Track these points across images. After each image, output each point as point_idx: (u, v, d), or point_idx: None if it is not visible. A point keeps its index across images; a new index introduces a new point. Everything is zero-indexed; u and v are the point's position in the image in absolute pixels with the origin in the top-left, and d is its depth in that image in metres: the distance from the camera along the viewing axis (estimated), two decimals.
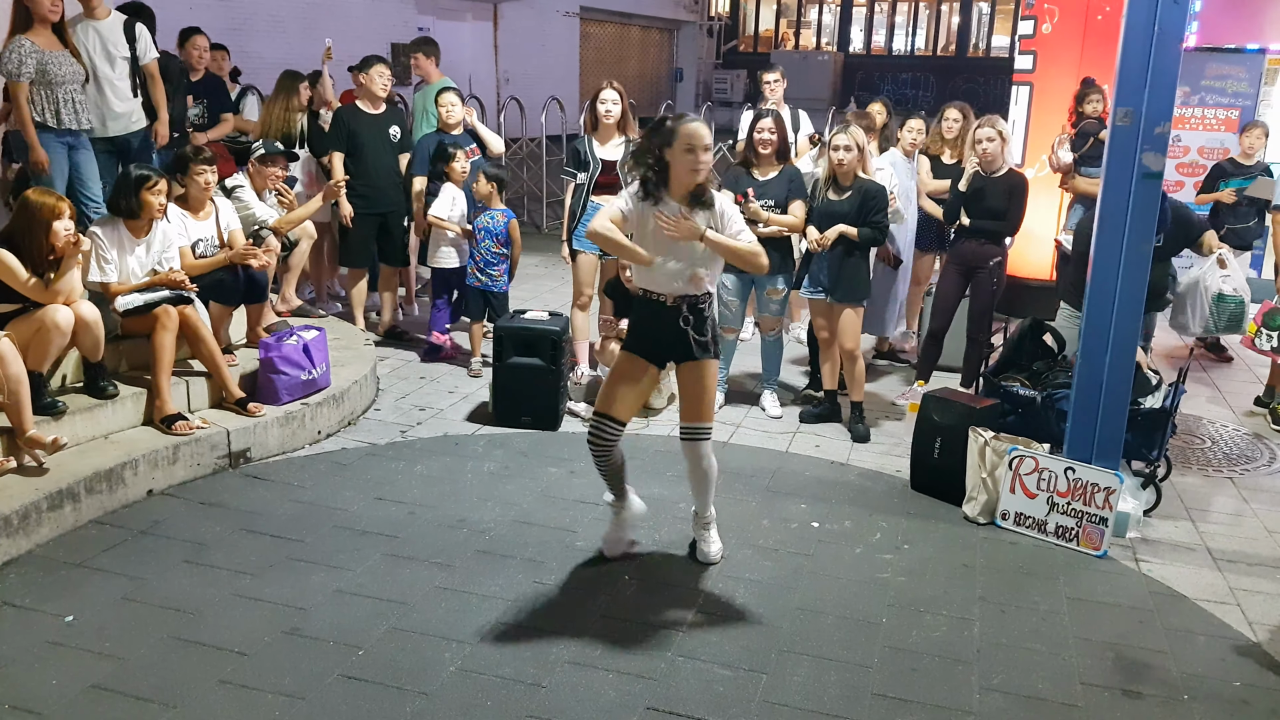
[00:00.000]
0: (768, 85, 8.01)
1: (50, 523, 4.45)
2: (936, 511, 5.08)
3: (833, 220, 5.83)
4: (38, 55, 5.90)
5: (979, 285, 6.38)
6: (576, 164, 6.54)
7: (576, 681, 3.59)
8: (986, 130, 6.21)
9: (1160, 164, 4.57)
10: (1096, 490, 4.66)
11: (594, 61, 25.62)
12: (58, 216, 4.77)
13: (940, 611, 4.15)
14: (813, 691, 3.59)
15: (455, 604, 4.06)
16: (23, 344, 4.68)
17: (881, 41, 32.01)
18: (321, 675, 3.57)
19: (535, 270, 10.43)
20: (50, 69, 5.95)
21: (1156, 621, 4.16)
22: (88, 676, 3.52)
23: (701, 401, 4.26)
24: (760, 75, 8.18)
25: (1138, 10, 4.49)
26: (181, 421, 5.20)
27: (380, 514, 4.83)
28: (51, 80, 5.97)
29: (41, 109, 5.98)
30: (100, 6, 6.41)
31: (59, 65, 5.98)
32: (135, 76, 6.54)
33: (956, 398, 5.38)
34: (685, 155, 4.02)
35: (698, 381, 4.25)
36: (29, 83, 5.91)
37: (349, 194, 7.26)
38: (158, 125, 6.73)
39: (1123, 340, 4.73)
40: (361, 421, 6.06)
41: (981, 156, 6.21)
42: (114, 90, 6.42)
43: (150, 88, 6.64)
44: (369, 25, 17.59)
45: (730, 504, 5.02)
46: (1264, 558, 4.75)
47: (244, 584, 4.16)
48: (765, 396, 6.45)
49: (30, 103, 5.93)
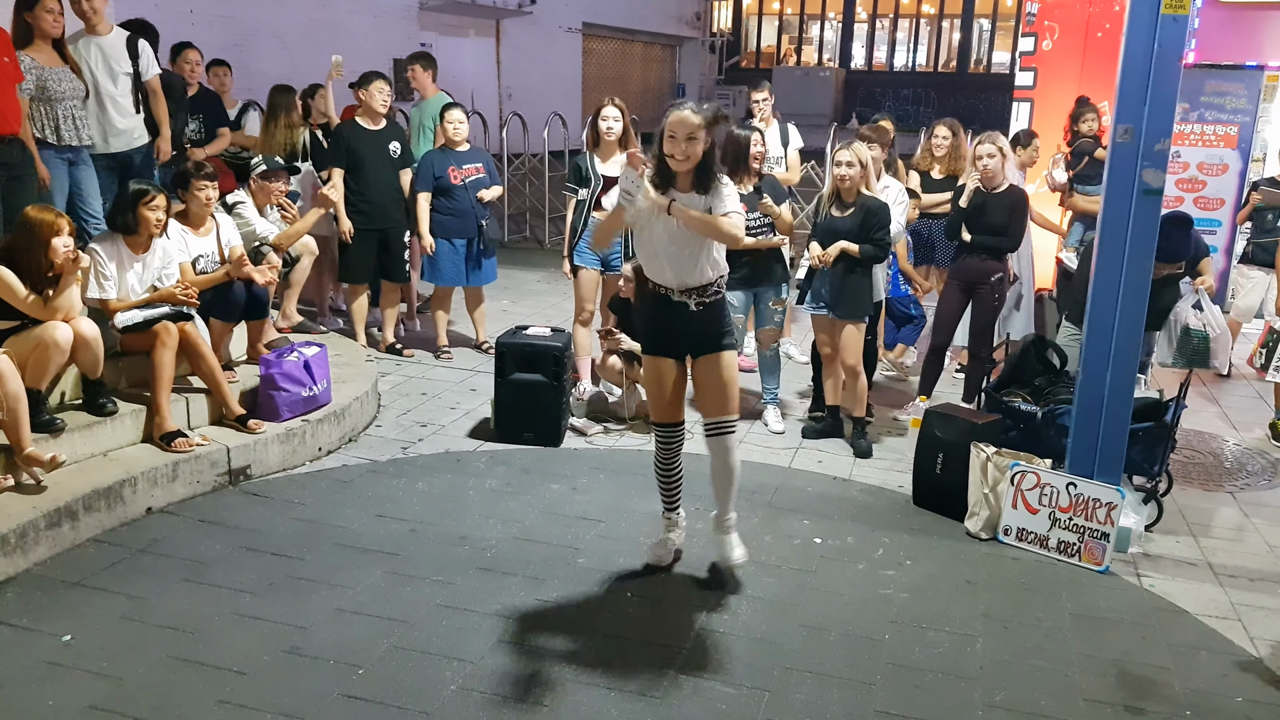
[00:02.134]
0: (756, 104, 8.10)
1: (48, 541, 4.43)
2: (939, 527, 5.07)
3: (835, 237, 5.84)
4: (38, 71, 5.92)
5: (980, 301, 6.37)
6: (578, 180, 6.56)
7: (579, 700, 3.58)
8: (987, 147, 6.21)
9: (1160, 180, 4.57)
10: (1098, 505, 4.65)
11: (596, 77, 25.70)
12: (56, 233, 4.77)
13: (943, 628, 4.13)
14: (816, 709, 3.57)
15: (457, 622, 4.04)
16: (21, 361, 4.68)
17: (883, 58, 32.16)
18: (322, 694, 3.56)
19: (537, 286, 10.44)
20: (50, 85, 5.96)
21: (1159, 637, 4.14)
22: (86, 697, 3.50)
23: (724, 394, 4.22)
24: (749, 94, 8.23)
25: (1137, 28, 4.50)
26: (181, 439, 5.19)
27: (381, 531, 4.82)
28: (51, 96, 5.97)
29: (41, 125, 5.99)
30: (103, 22, 6.43)
31: (59, 81, 5.99)
32: (138, 93, 6.55)
33: (958, 413, 5.37)
34: (667, 142, 4.00)
35: (717, 373, 4.22)
36: (29, 99, 5.92)
37: (349, 210, 7.27)
38: (160, 141, 6.74)
39: (1124, 356, 4.72)
40: (363, 438, 6.05)
41: (982, 173, 6.22)
42: (116, 106, 6.43)
43: (152, 104, 6.65)
44: (372, 41, 17.65)
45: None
46: (1266, 573, 4.74)
47: (244, 602, 4.14)
48: (768, 412, 6.44)
49: (30, 119, 5.94)
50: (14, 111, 5.69)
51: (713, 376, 4.23)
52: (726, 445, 4.26)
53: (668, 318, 4.21)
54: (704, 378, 4.27)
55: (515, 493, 5.31)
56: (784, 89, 25.50)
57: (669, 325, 4.22)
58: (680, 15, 28.92)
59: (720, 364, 4.22)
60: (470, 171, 7.30)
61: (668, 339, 4.26)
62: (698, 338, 4.21)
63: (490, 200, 7.41)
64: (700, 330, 4.19)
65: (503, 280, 9.24)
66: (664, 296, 4.18)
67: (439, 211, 7.27)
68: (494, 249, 7.57)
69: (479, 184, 7.31)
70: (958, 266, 6.50)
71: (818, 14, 32.35)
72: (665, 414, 4.33)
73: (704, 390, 4.29)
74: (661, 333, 4.27)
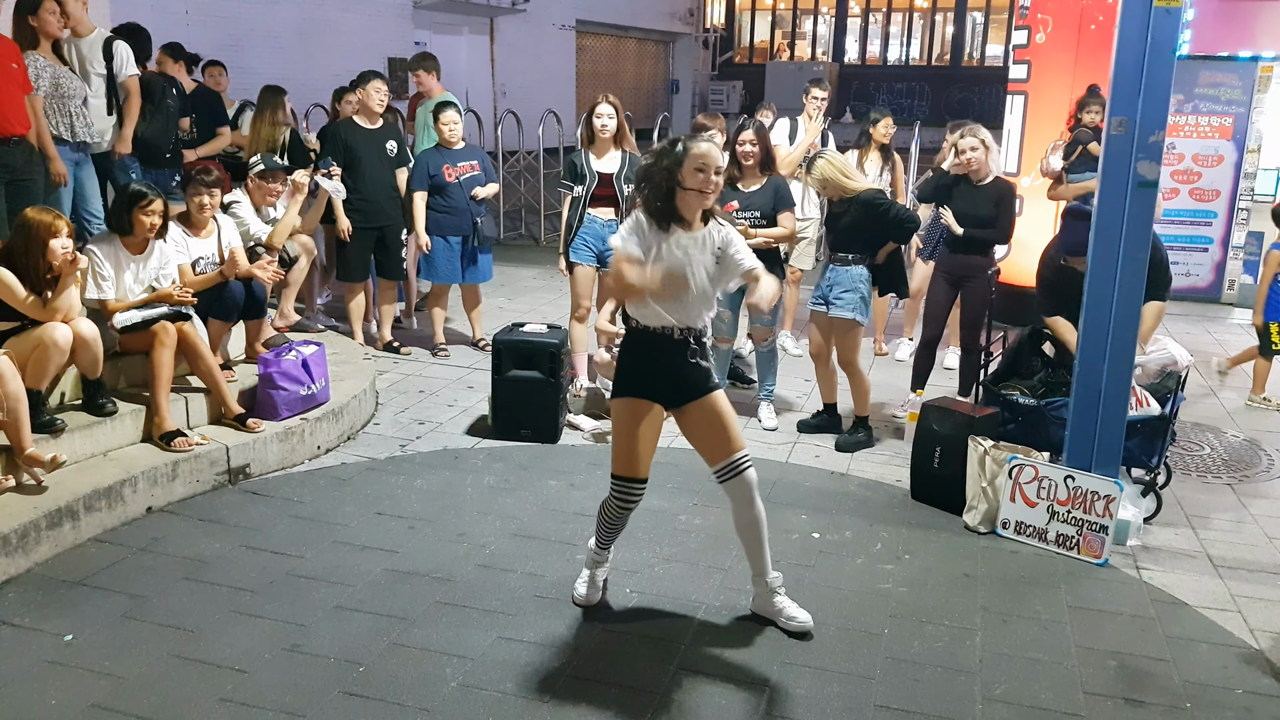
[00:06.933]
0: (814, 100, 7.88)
1: (49, 541, 4.44)
2: (937, 521, 5.08)
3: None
4: (51, 70, 6.01)
5: (969, 295, 6.36)
6: (573, 177, 6.57)
7: (579, 696, 3.58)
8: (970, 140, 6.20)
9: (1155, 172, 4.58)
10: (1097, 498, 4.66)
11: (590, 74, 25.67)
12: (55, 234, 4.78)
13: (942, 622, 4.14)
14: (815, 704, 3.58)
15: (456, 619, 4.05)
16: (21, 362, 4.68)
17: (876, 52, 32.12)
18: (322, 692, 3.56)
19: (533, 283, 10.44)
20: (62, 83, 6.11)
21: (1158, 629, 4.15)
22: (87, 695, 3.51)
23: (731, 430, 3.89)
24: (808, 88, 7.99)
25: (1131, 20, 4.51)
26: (180, 438, 5.19)
27: (380, 529, 4.82)
28: (64, 94, 6.09)
29: (56, 123, 6.08)
30: (84, 24, 6.45)
31: (69, 80, 6.15)
32: (112, 95, 6.57)
33: (956, 407, 5.38)
34: (696, 175, 3.72)
35: (720, 412, 3.89)
36: (44, 97, 5.99)
37: (346, 209, 7.27)
38: (118, 142, 6.74)
39: (1120, 348, 4.74)
40: (361, 436, 6.06)
41: (967, 166, 6.21)
42: (89, 107, 6.46)
43: (126, 103, 6.67)
44: (366, 40, 17.63)
45: (731, 516, 5.01)
46: (1265, 564, 4.75)
47: (244, 601, 4.15)
48: (762, 408, 6.44)
49: (46, 116, 6.01)
50: (17, 114, 5.71)
51: (716, 416, 3.89)
52: (749, 482, 3.90)
53: (664, 360, 3.85)
54: (700, 420, 3.91)
55: (513, 489, 5.32)
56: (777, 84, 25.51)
57: (663, 369, 3.86)
58: (673, 11, 28.85)
59: (721, 402, 3.90)
60: (465, 169, 7.30)
61: (658, 383, 3.87)
62: (695, 380, 3.89)
63: (486, 198, 7.41)
64: (697, 372, 3.88)
65: (499, 277, 9.26)
66: (663, 337, 3.83)
67: (434, 209, 7.27)
68: (489, 246, 7.57)
69: (474, 181, 7.32)
70: (945, 260, 6.48)
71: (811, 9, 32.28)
72: (633, 466, 3.88)
73: (706, 432, 3.92)
74: (652, 375, 3.87)
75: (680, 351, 3.86)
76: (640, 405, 3.86)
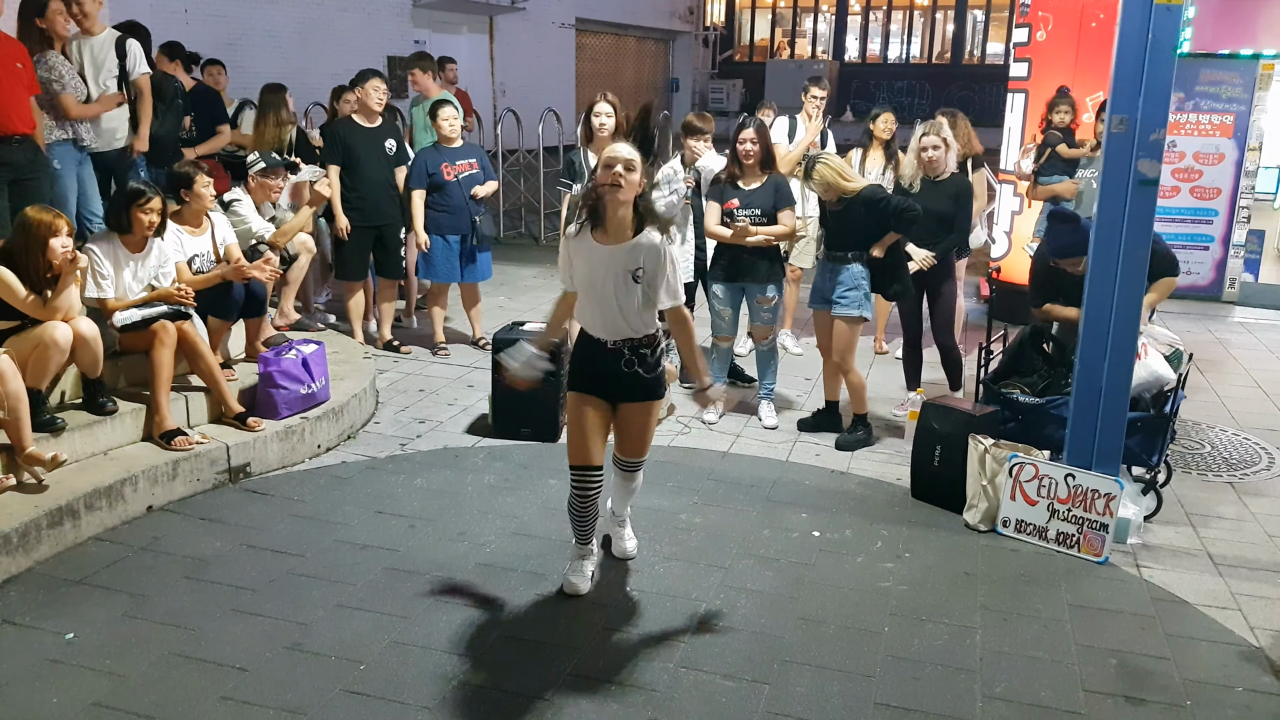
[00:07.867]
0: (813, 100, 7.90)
1: (50, 540, 4.44)
2: (937, 519, 5.08)
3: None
4: (63, 69, 6.04)
5: (935, 296, 6.41)
6: (572, 175, 6.58)
7: (579, 694, 3.59)
8: (931, 138, 6.21)
9: (1156, 170, 4.58)
10: (1097, 496, 4.66)
11: (590, 73, 25.65)
12: (54, 234, 4.78)
13: (942, 620, 4.15)
14: (815, 702, 3.59)
15: (457, 617, 4.05)
16: (22, 361, 4.68)
17: (876, 50, 32.10)
18: (323, 690, 3.57)
19: (533, 281, 10.44)
20: (76, 84, 6.09)
21: (1158, 627, 4.15)
22: (88, 694, 3.51)
23: (643, 440, 4.23)
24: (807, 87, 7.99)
25: (1131, 18, 4.50)
26: (181, 437, 5.19)
27: (380, 528, 4.82)
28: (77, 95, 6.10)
29: (71, 123, 6.10)
30: (95, 23, 6.45)
31: (79, 82, 6.14)
32: (124, 93, 6.57)
33: (956, 405, 5.38)
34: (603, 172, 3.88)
35: (642, 421, 4.17)
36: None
37: (345, 207, 7.27)
38: (135, 140, 6.75)
39: (1121, 346, 4.73)
40: (361, 435, 6.06)
41: (925, 164, 6.21)
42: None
43: (138, 102, 6.67)
44: (365, 39, 17.62)
45: (731, 514, 5.02)
46: (1265, 562, 4.75)
47: (244, 599, 4.15)
48: (762, 406, 6.43)
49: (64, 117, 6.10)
50: (21, 113, 5.71)
51: (637, 424, 4.16)
52: (634, 477, 4.37)
53: (601, 365, 4.06)
54: (626, 421, 4.16)
55: (513, 488, 5.32)
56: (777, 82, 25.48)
57: (601, 371, 4.07)
58: (673, 9, 28.85)
59: (648, 413, 4.16)
60: (464, 167, 7.30)
61: (597, 382, 4.09)
62: (627, 387, 4.08)
63: (485, 196, 7.40)
64: (631, 380, 4.06)
65: (499, 276, 9.26)
66: (598, 343, 4.04)
67: (433, 208, 7.27)
68: (488, 245, 7.57)
69: (473, 180, 7.31)
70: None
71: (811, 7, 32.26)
72: (584, 455, 4.08)
73: (625, 432, 4.20)
74: (592, 375, 4.09)
75: (614, 360, 4.03)
76: (586, 398, 4.10)
